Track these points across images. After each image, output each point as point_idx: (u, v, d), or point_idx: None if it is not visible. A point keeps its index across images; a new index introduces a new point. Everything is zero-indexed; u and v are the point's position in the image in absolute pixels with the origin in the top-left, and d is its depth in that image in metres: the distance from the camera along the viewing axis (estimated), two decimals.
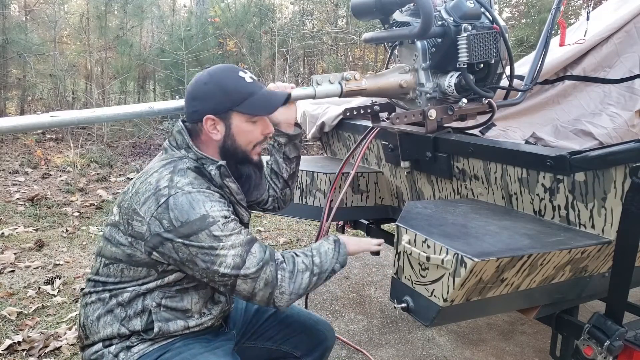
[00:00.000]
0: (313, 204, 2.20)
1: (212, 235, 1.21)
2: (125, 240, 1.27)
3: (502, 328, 2.72)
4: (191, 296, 1.34)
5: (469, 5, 1.59)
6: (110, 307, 1.30)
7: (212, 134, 1.34)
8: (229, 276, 1.23)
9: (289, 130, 1.61)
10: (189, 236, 1.20)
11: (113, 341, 1.31)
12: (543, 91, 2.25)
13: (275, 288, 1.26)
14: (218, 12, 7.89)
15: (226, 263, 1.21)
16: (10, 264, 3.22)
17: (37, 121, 1.24)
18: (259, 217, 4.52)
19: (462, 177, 1.73)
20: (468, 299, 1.23)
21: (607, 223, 1.31)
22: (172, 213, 1.20)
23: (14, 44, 6.83)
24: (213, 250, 1.21)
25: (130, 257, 1.27)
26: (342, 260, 1.40)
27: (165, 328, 1.30)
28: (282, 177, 1.67)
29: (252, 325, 1.62)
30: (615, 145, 1.23)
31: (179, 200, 1.20)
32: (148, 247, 1.23)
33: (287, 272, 1.28)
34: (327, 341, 1.66)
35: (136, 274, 1.29)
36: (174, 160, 1.32)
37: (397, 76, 1.71)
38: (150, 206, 1.22)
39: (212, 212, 1.22)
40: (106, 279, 1.32)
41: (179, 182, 1.24)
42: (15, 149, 6.37)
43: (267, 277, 1.25)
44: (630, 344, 1.31)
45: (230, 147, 1.36)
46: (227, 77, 1.34)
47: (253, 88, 1.35)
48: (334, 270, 1.38)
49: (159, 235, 1.21)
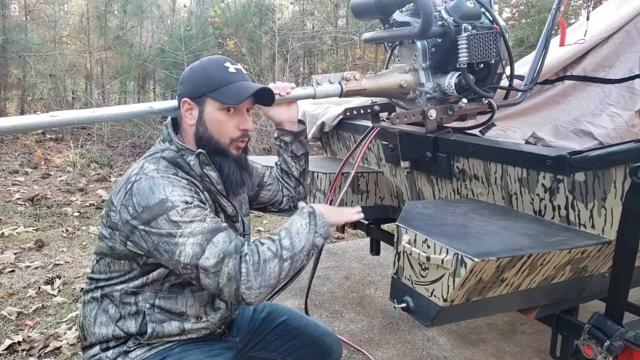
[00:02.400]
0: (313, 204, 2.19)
1: (170, 221, 1.15)
2: (106, 232, 1.27)
3: (502, 328, 2.72)
4: (186, 298, 1.32)
5: (469, 5, 1.59)
6: (104, 307, 1.30)
7: (187, 118, 1.33)
8: (190, 267, 1.15)
9: (292, 128, 1.61)
10: (149, 222, 1.16)
11: (110, 344, 1.29)
12: (543, 91, 2.25)
13: (240, 283, 1.14)
14: (218, 12, 7.89)
15: (185, 252, 1.15)
16: (10, 264, 3.22)
17: (37, 121, 1.24)
18: (259, 217, 4.52)
19: (462, 177, 1.73)
20: (468, 299, 1.23)
21: (607, 223, 1.31)
22: (135, 198, 1.18)
23: (14, 44, 6.83)
24: (172, 238, 1.15)
25: (112, 249, 1.27)
26: (323, 231, 1.29)
27: (159, 329, 1.28)
28: (293, 176, 1.67)
29: (258, 335, 1.58)
30: (615, 145, 1.23)
31: (142, 185, 1.19)
32: (122, 237, 1.22)
33: (250, 264, 1.16)
34: (334, 354, 1.63)
35: (121, 268, 1.28)
36: (155, 152, 1.32)
37: (397, 76, 1.71)
38: (121, 194, 1.22)
39: (172, 197, 1.17)
40: (98, 276, 1.32)
41: (147, 168, 1.24)
42: (15, 149, 6.37)
43: (230, 271, 1.14)
44: (630, 344, 1.31)
45: (202, 135, 1.31)
46: (212, 64, 1.34)
47: (232, 77, 1.31)
48: (314, 244, 1.27)
49: (128, 222, 1.19)
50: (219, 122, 1.31)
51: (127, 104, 3.77)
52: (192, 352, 1.31)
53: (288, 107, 1.57)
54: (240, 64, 1.41)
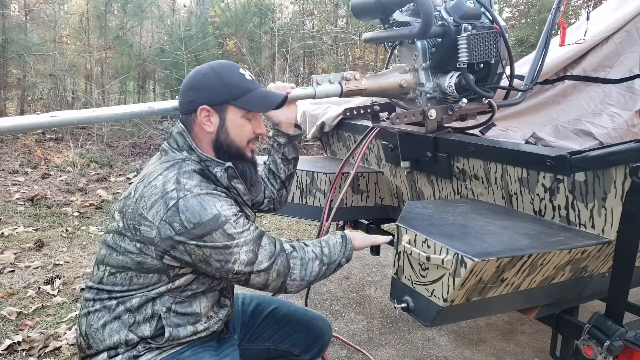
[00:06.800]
0: (313, 204, 2.19)
1: (226, 234, 1.21)
2: (133, 248, 1.24)
3: (502, 328, 2.72)
4: (199, 300, 1.33)
5: (469, 5, 1.59)
6: (117, 313, 1.27)
7: (206, 125, 1.33)
8: (243, 273, 1.25)
9: (289, 130, 1.61)
10: (202, 237, 1.20)
11: (119, 350, 1.27)
12: (543, 91, 2.25)
13: (287, 277, 1.30)
14: (218, 12, 7.90)
15: (240, 260, 1.24)
16: (10, 264, 3.22)
17: (37, 121, 1.23)
18: (259, 217, 4.53)
19: (462, 177, 1.73)
20: (468, 299, 1.23)
21: (607, 223, 1.31)
22: (184, 215, 1.19)
23: (14, 43, 6.83)
24: (227, 249, 1.22)
25: (140, 264, 1.24)
26: (348, 255, 1.43)
27: (175, 333, 1.28)
28: (280, 178, 1.67)
29: (250, 327, 1.62)
30: (615, 145, 1.23)
31: (190, 203, 1.20)
32: (159, 252, 1.22)
33: (298, 259, 1.32)
34: (325, 336, 1.67)
35: (146, 281, 1.26)
36: (177, 162, 1.30)
37: (397, 76, 1.71)
38: (159, 210, 1.20)
39: (224, 211, 1.22)
40: (112, 288, 1.28)
41: (187, 184, 1.23)
42: (15, 149, 6.37)
43: (279, 268, 1.29)
44: (630, 344, 1.31)
45: (224, 142, 1.34)
46: (228, 71, 1.35)
47: (252, 85, 1.36)
48: (340, 264, 1.41)
49: (171, 238, 1.20)
50: (240, 128, 1.36)
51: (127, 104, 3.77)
52: (202, 355, 1.31)
53: (287, 107, 1.56)
54: (241, 65, 1.42)
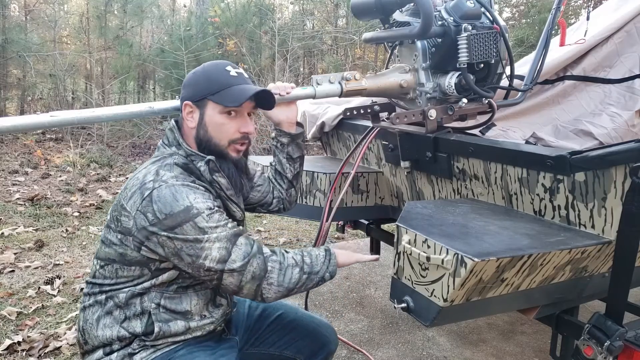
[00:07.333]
0: (313, 204, 2.19)
1: (197, 227, 1.19)
2: (116, 239, 1.26)
3: (502, 328, 2.72)
4: (190, 297, 1.33)
5: (469, 5, 1.59)
6: (108, 308, 1.29)
7: (188, 121, 1.35)
8: (215, 271, 1.22)
9: (290, 129, 1.61)
10: (173, 228, 1.19)
11: (114, 347, 1.29)
12: (543, 91, 2.25)
13: (262, 280, 1.25)
14: (218, 12, 7.89)
15: (212, 256, 1.20)
16: (10, 264, 3.22)
17: (37, 121, 1.24)
18: (258, 217, 4.52)
19: (462, 177, 1.73)
20: (468, 299, 1.23)
21: (607, 223, 1.31)
22: (156, 205, 1.19)
23: (14, 43, 6.84)
24: (198, 243, 1.20)
25: (122, 256, 1.26)
26: (332, 270, 1.38)
27: (165, 329, 1.29)
28: (287, 178, 1.67)
29: (255, 331, 1.60)
30: (615, 145, 1.23)
31: (163, 193, 1.20)
32: (136, 242, 1.23)
33: (277, 263, 1.27)
34: (330, 345, 1.64)
35: (130, 274, 1.28)
36: (164, 157, 1.32)
37: (397, 76, 1.71)
38: (136, 200, 1.22)
39: (196, 204, 1.21)
40: (102, 281, 1.31)
41: (164, 175, 1.24)
42: (15, 149, 6.37)
43: (254, 270, 1.24)
44: (630, 344, 1.31)
45: (203, 138, 1.34)
46: (214, 68, 1.36)
47: (233, 81, 1.33)
48: (323, 278, 1.36)
49: (145, 228, 1.21)
50: (219, 125, 1.33)
51: (127, 104, 3.77)
52: (197, 354, 1.31)
53: (287, 107, 1.57)
54: (241, 65, 1.41)
